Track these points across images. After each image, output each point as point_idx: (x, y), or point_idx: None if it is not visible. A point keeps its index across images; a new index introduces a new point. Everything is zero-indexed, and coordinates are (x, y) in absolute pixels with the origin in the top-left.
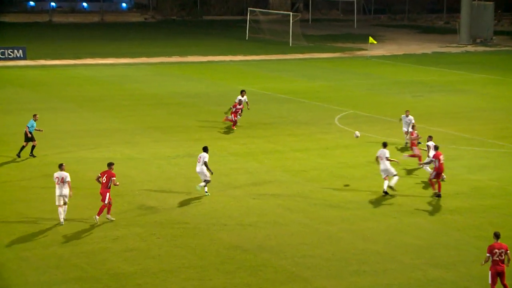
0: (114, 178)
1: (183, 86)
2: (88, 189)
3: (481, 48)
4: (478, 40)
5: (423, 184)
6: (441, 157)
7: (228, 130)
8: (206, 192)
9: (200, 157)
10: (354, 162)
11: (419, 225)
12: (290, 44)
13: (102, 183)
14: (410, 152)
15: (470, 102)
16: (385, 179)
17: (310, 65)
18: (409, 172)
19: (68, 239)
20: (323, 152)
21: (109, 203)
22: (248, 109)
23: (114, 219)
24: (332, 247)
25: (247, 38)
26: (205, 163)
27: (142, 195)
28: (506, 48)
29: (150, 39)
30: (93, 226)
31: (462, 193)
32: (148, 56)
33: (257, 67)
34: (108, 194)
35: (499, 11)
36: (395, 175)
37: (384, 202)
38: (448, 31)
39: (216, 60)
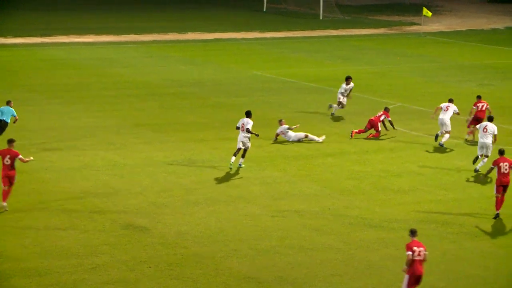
0: (21, 156)
1: (182, 71)
2: (60, 204)
3: None
4: None
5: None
6: (504, 164)
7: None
8: (241, 164)
9: (243, 123)
10: (401, 170)
11: (485, 251)
12: (321, 17)
13: (4, 166)
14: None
15: None
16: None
17: (346, 45)
18: (473, 181)
19: (32, 268)
20: (362, 157)
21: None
22: (350, 98)
23: (7, 209)
24: (373, 280)
25: (264, 10)
26: (248, 130)
27: (129, 211)
28: None
29: (140, 10)
30: (67, 254)
31: None
32: (137, 32)
33: (277, 47)
34: (14, 177)
35: None
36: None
37: (439, 220)
38: None
39: (224, 37)
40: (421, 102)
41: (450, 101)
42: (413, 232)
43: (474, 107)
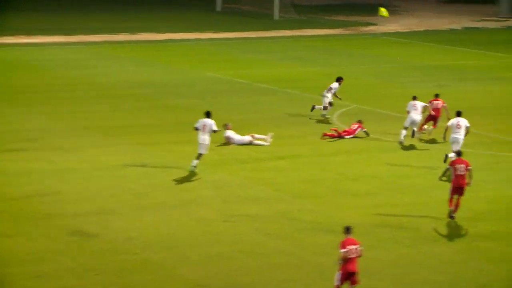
0: None
1: (133, 73)
2: (4, 210)
3: None
4: None
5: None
6: (460, 166)
7: (192, 132)
8: (194, 166)
9: (205, 125)
10: (358, 173)
11: (441, 255)
12: (276, 17)
13: None
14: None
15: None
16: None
17: (301, 45)
18: (433, 180)
19: None
20: (318, 160)
21: None
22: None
23: None
24: (326, 285)
25: (218, 9)
26: (215, 131)
27: (76, 217)
28: None
29: (89, 10)
30: (10, 261)
31: (498, 213)
32: (87, 33)
33: (231, 47)
34: None
35: None
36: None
37: (395, 224)
38: (484, 0)
39: (177, 38)
40: (378, 103)
41: (458, 114)
42: (347, 229)
43: (428, 104)
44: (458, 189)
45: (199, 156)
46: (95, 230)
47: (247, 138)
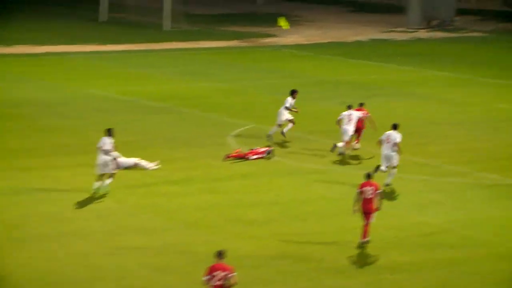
0: None
1: (5, 90)
2: None
3: (438, 34)
4: (434, 23)
5: (355, 229)
6: (368, 189)
7: (74, 156)
8: (107, 186)
9: (105, 144)
10: (256, 199)
11: None
12: (167, 28)
13: None
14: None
15: (422, 112)
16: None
17: (195, 59)
18: (338, 206)
19: None
20: (212, 185)
21: None
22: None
23: None
24: None
25: (103, 19)
26: (105, 151)
27: None
28: (473, 34)
29: None
30: None
31: (407, 241)
32: None
33: (117, 61)
34: None
35: None
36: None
37: (296, 255)
38: (393, 9)
39: (57, 51)
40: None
41: (394, 127)
42: (220, 254)
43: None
44: (365, 214)
45: (104, 176)
46: None
47: (132, 160)
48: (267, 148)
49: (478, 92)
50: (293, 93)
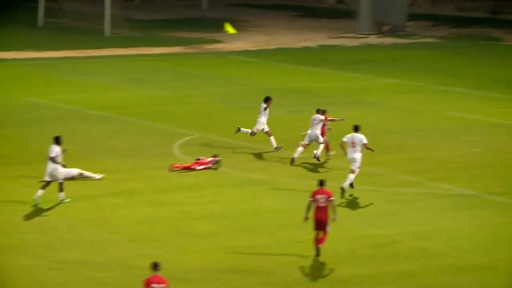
0: None
1: None
2: None
3: (389, 40)
4: (385, 28)
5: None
6: (321, 197)
7: (14, 167)
8: (64, 199)
9: (51, 151)
10: (202, 212)
11: None
12: (107, 34)
13: None
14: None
15: (373, 120)
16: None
17: (137, 66)
18: (288, 218)
19: None
20: (157, 197)
21: None
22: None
23: None
24: None
25: (40, 25)
26: (53, 159)
27: None
28: (426, 39)
29: None
30: None
31: (360, 253)
32: None
33: (56, 68)
34: None
35: None
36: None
37: (245, 269)
38: (342, 14)
39: None
40: (224, 131)
41: (355, 129)
42: (155, 266)
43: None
44: (319, 224)
45: (46, 184)
46: None
47: (75, 170)
48: (213, 158)
49: (431, 99)
50: (266, 100)
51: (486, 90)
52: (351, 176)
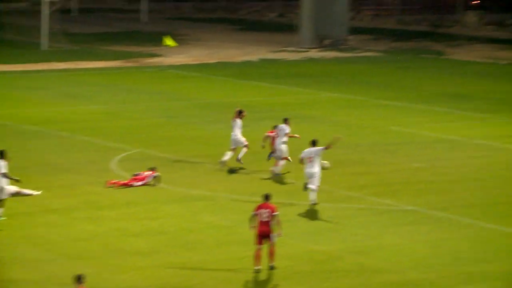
0: None
1: None
2: None
3: (331, 53)
4: (326, 42)
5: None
6: (264, 211)
7: None
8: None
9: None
10: (140, 229)
11: None
12: (44, 47)
13: None
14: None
15: (315, 135)
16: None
17: (75, 80)
18: (228, 234)
19: None
20: (94, 214)
21: None
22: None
23: None
24: None
25: None
26: (5, 175)
27: None
28: (367, 53)
29: None
30: None
31: (300, 270)
32: None
33: None
34: None
35: None
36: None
37: (186, 286)
38: (284, 28)
39: None
40: (163, 147)
41: (313, 143)
42: (79, 279)
43: (268, 134)
44: (263, 237)
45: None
46: None
47: (12, 188)
48: (151, 172)
49: (372, 114)
50: (239, 113)
51: (427, 104)
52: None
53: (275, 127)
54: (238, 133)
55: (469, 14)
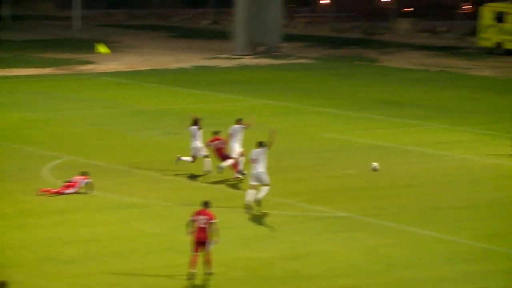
0: None
1: None
2: None
3: (264, 61)
4: (260, 49)
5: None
6: (201, 218)
7: None
8: None
9: None
10: (71, 237)
11: None
12: None
13: None
14: None
15: (247, 141)
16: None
17: (5, 87)
18: (164, 241)
19: None
20: (24, 222)
21: None
22: None
23: None
24: None
25: None
26: None
27: None
28: (301, 60)
29: None
30: None
31: (231, 277)
32: None
33: None
34: None
35: (291, 5)
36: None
37: None
38: (217, 35)
39: None
40: (96, 154)
41: (261, 145)
42: (2, 286)
43: (210, 143)
44: (200, 244)
45: None
46: None
47: None
48: (82, 177)
49: (306, 120)
50: (198, 121)
51: (360, 111)
52: (267, 188)
53: (215, 133)
54: (198, 142)
55: (402, 21)
